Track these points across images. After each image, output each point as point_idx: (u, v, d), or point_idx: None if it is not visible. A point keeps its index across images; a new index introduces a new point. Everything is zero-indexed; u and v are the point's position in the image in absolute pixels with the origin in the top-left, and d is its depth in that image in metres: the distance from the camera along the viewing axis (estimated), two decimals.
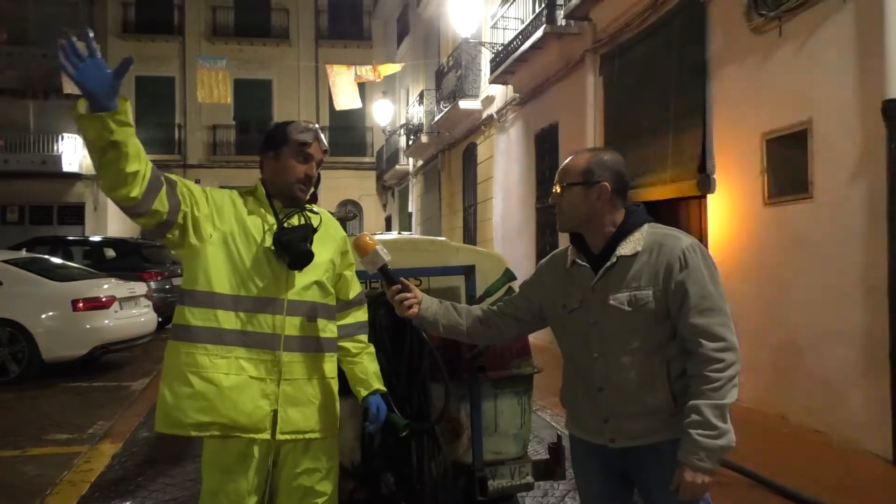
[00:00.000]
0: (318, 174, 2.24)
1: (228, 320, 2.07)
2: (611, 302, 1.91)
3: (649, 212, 2.02)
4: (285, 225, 2.15)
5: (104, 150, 1.81)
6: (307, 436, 2.15)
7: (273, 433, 2.10)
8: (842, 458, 4.51)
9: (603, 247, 1.96)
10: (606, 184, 1.93)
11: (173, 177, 2.06)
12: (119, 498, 4.00)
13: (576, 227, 2.00)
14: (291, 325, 2.13)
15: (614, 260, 1.92)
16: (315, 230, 2.18)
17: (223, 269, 2.08)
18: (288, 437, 2.12)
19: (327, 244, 2.25)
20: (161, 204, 1.97)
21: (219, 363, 2.05)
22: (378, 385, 2.33)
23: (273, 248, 2.11)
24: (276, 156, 2.17)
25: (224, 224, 2.11)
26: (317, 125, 2.26)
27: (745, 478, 4.00)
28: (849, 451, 4.58)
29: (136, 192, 1.89)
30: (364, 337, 2.39)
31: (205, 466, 2.15)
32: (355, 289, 2.39)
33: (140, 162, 1.87)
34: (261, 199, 2.20)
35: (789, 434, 5.06)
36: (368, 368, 2.34)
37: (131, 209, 1.92)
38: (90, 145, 1.81)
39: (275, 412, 2.10)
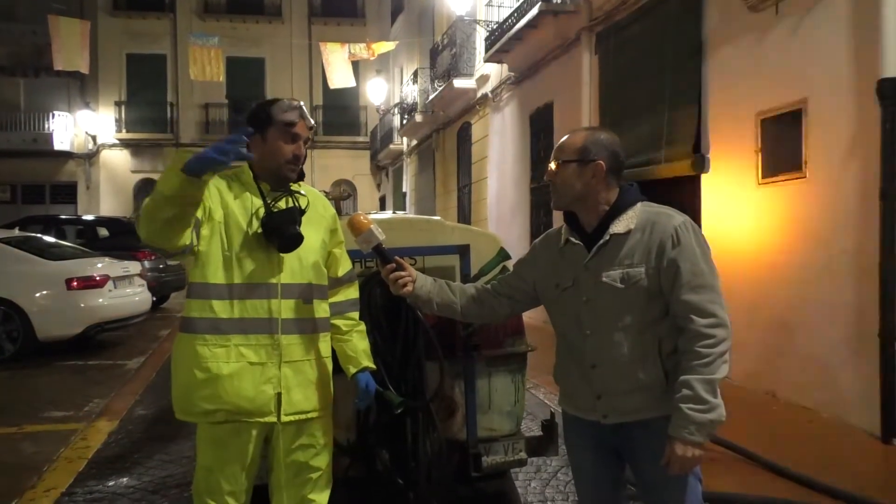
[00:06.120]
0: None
1: (224, 309, 2.08)
2: (603, 279, 1.92)
3: (644, 191, 2.03)
4: (273, 208, 2.13)
5: (185, 207, 1.89)
6: (309, 415, 2.17)
7: (278, 416, 2.12)
8: (831, 434, 4.57)
9: (596, 225, 1.97)
10: (602, 162, 1.93)
11: None
12: (116, 474, 4.03)
13: (570, 204, 2.01)
14: (287, 308, 2.14)
15: (607, 238, 1.93)
16: (303, 211, 2.17)
17: (216, 259, 2.09)
18: (292, 418, 2.14)
19: (317, 224, 2.24)
20: (195, 239, 2.04)
21: (217, 352, 2.07)
22: (367, 363, 2.33)
23: (262, 232, 2.10)
24: (263, 138, 2.13)
25: (214, 217, 2.09)
26: (300, 102, 2.23)
27: (734, 454, 4.05)
28: (838, 428, 4.65)
29: (189, 238, 1.99)
30: (355, 314, 2.39)
31: (200, 443, 2.17)
32: (345, 266, 2.38)
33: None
34: (247, 183, 2.17)
35: (779, 411, 5.12)
36: (358, 346, 2.33)
37: (178, 253, 2.01)
38: (175, 201, 1.86)
39: (279, 395, 2.11)
